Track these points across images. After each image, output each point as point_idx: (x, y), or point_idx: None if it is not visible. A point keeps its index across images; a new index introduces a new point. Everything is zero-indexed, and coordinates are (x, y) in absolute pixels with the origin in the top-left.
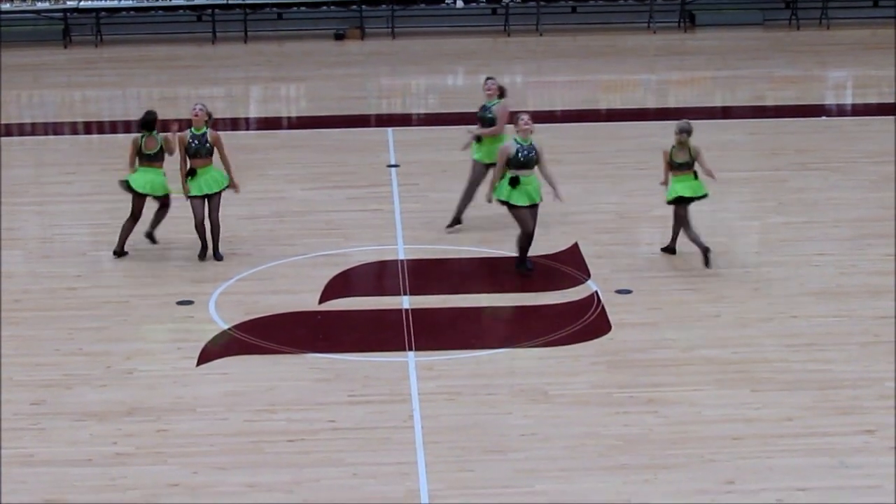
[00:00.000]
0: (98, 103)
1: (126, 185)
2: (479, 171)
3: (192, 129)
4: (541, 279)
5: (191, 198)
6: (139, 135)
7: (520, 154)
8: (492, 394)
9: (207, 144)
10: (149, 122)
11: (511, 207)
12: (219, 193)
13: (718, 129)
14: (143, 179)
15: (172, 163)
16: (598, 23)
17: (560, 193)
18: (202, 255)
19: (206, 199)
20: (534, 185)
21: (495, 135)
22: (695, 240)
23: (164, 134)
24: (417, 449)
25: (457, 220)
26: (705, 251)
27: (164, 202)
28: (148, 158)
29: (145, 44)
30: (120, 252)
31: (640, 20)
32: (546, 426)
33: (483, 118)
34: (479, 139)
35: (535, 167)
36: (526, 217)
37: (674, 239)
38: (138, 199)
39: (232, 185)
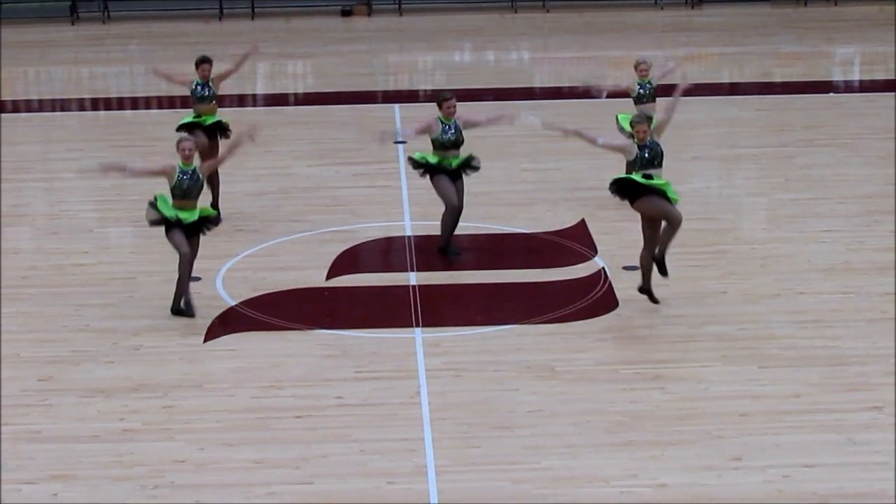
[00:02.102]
0: (105, 80)
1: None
2: None
3: (181, 164)
4: (548, 255)
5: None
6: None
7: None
8: (498, 370)
9: (199, 181)
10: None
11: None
12: (197, 237)
13: (726, 105)
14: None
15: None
16: None
17: None
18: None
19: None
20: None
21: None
22: None
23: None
24: (424, 425)
25: None
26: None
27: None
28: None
29: (152, 20)
30: None
31: None
32: (553, 402)
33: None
34: None
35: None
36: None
37: None
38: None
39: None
